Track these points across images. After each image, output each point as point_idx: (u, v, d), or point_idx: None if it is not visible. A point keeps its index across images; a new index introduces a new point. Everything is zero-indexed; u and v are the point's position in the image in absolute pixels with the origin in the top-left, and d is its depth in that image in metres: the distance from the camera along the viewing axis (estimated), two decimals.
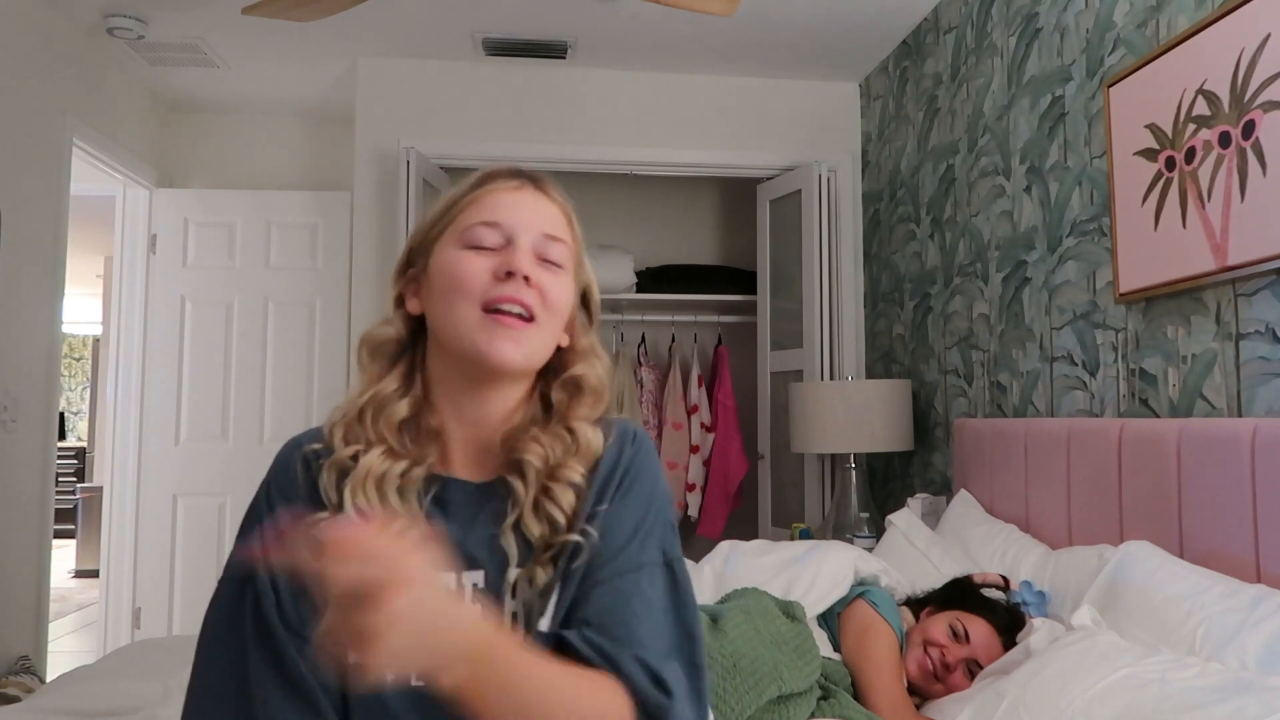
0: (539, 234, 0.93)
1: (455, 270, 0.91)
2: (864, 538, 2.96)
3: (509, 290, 0.89)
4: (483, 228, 0.92)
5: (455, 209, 0.95)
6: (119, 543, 4.01)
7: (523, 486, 0.92)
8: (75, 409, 10.13)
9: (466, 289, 0.90)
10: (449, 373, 0.95)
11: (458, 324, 0.90)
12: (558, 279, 0.94)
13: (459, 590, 0.89)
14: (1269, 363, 1.80)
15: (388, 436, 0.92)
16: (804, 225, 3.77)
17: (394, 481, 0.90)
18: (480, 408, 0.95)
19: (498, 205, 0.94)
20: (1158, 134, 2.07)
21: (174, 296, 4.10)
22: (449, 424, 0.95)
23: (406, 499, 0.91)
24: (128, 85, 3.87)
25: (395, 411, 0.93)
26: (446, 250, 0.93)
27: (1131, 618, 1.70)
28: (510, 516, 0.91)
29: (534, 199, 0.96)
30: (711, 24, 3.32)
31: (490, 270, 0.90)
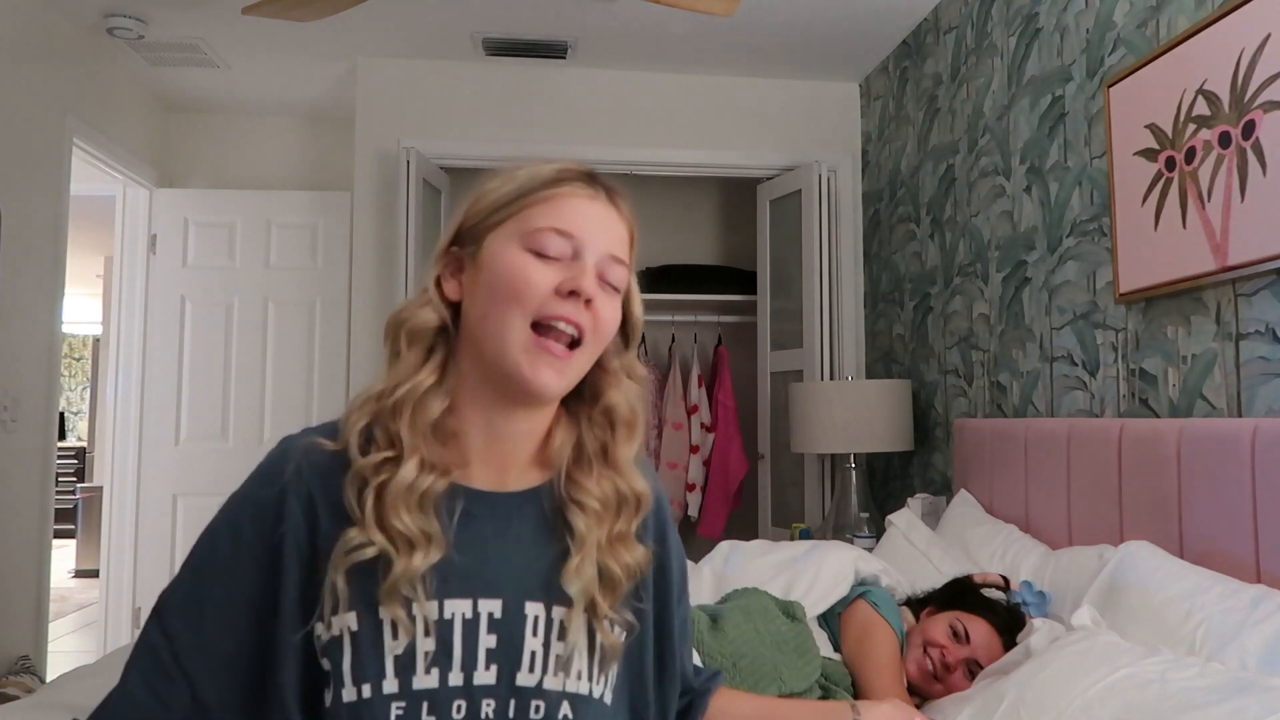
0: (605, 254, 0.87)
1: (515, 275, 0.84)
2: (864, 538, 2.96)
3: (567, 310, 0.83)
4: (553, 235, 0.85)
5: (523, 203, 0.87)
6: (119, 543, 4.02)
7: (582, 523, 0.88)
8: (75, 409, 10.13)
9: (524, 299, 0.83)
10: (481, 381, 0.87)
11: (503, 336, 0.84)
12: (612, 303, 0.89)
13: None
14: (1269, 363, 1.80)
15: (421, 442, 0.84)
16: (804, 225, 3.77)
17: (431, 498, 0.83)
18: (510, 425, 0.89)
19: (573, 213, 0.87)
20: (1158, 134, 2.07)
21: (174, 296, 4.10)
22: (471, 431, 0.88)
23: (436, 515, 0.83)
24: (128, 85, 3.87)
25: (430, 410, 0.85)
26: (507, 248, 0.86)
27: (1132, 618, 1.70)
28: (575, 556, 0.87)
29: (606, 213, 0.90)
30: (711, 24, 3.32)
31: (552, 284, 0.84)
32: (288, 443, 0.87)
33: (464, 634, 0.82)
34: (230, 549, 0.83)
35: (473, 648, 0.82)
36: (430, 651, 0.80)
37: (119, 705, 0.83)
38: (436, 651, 0.81)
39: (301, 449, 0.85)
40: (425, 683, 0.80)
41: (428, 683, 0.80)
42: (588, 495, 0.88)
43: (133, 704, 0.82)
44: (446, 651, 0.81)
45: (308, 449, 0.84)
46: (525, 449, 0.90)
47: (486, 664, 0.82)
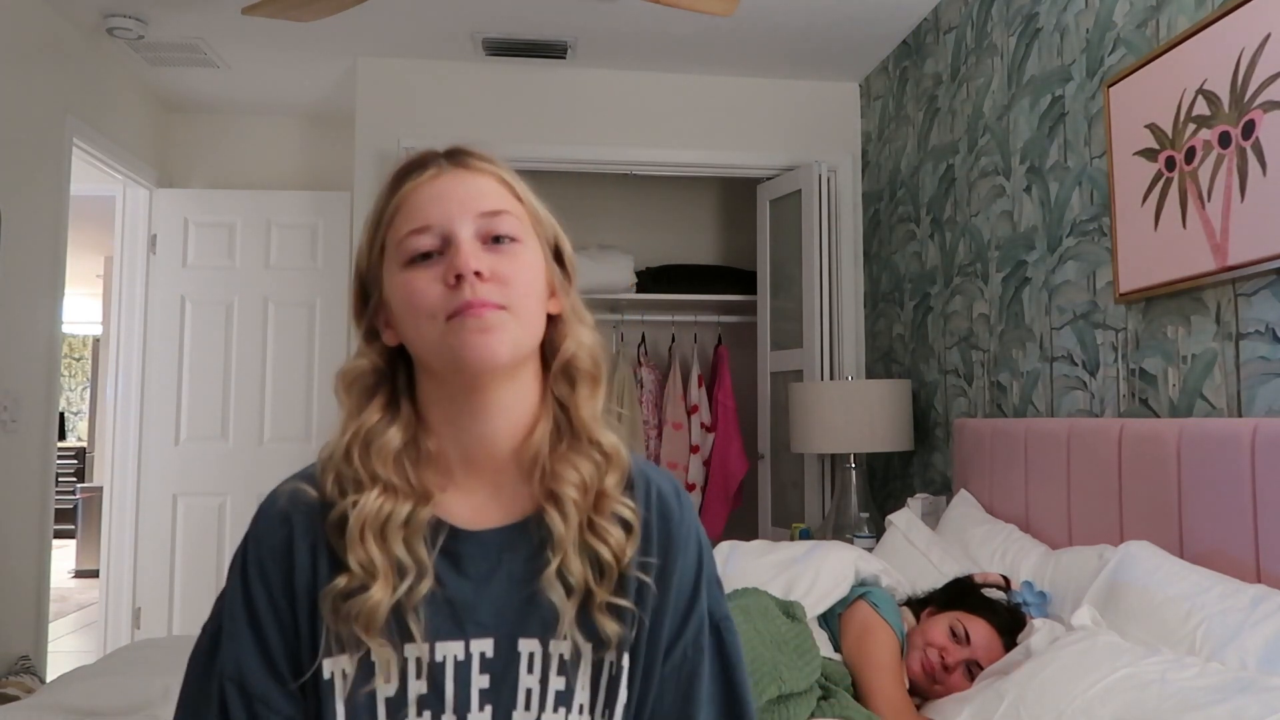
0: (476, 215, 0.83)
1: (408, 295, 0.81)
2: (864, 538, 2.96)
3: (464, 295, 0.79)
4: (415, 237, 0.82)
5: (384, 224, 0.85)
6: (119, 543, 4.01)
7: (562, 523, 0.82)
8: (75, 409, 10.13)
9: (423, 310, 0.80)
10: (440, 394, 0.85)
11: (426, 342, 0.81)
12: (515, 256, 0.83)
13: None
14: (1269, 362, 1.80)
15: (382, 472, 0.81)
16: (804, 225, 3.77)
17: (398, 529, 0.80)
18: (483, 423, 0.84)
19: (421, 204, 0.83)
20: (1158, 134, 2.07)
21: (174, 296, 4.10)
22: (450, 449, 0.85)
23: (413, 548, 0.80)
24: (128, 85, 3.87)
25: (387, 442, 0.83)
26: (392, 274, 0.83)
27: (1132, 618, 1.70)
28: (554, 561, 0.82)
29: (457, 180, 0.85)
30: (711, 24, 3.32)
31: (439, 280, 0.80)
32: (277, 493, 0.85)
33: (456, 676, 0.80)
34: (264, 594, 0.82)
35: (465, 689, 0.80)
36: (423, 694, 0.79)
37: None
38: (428, 694, 0.79)
39: (288, 495, 0.84)
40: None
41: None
42: (564, 484, 0.83)
43: None
44: (439, 694, 0.80)
45: (294, 495, 0.83)
46: (505, 447, 0.85)
47: (480, 705, 0.80)
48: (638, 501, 0.87)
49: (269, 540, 0.83)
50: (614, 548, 0.83)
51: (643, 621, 0.84)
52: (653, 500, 0.88)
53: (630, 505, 0.85)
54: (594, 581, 0.82)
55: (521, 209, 0.86)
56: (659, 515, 0.88)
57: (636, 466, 0.89)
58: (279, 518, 0.84)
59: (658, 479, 0.91)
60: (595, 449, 0.86)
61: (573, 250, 0.92)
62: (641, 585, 0.84)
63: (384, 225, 0.85)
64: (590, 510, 0.84)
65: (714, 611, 0.90)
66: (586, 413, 0.86)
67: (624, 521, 0.85)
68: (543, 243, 0.88)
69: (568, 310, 0.88)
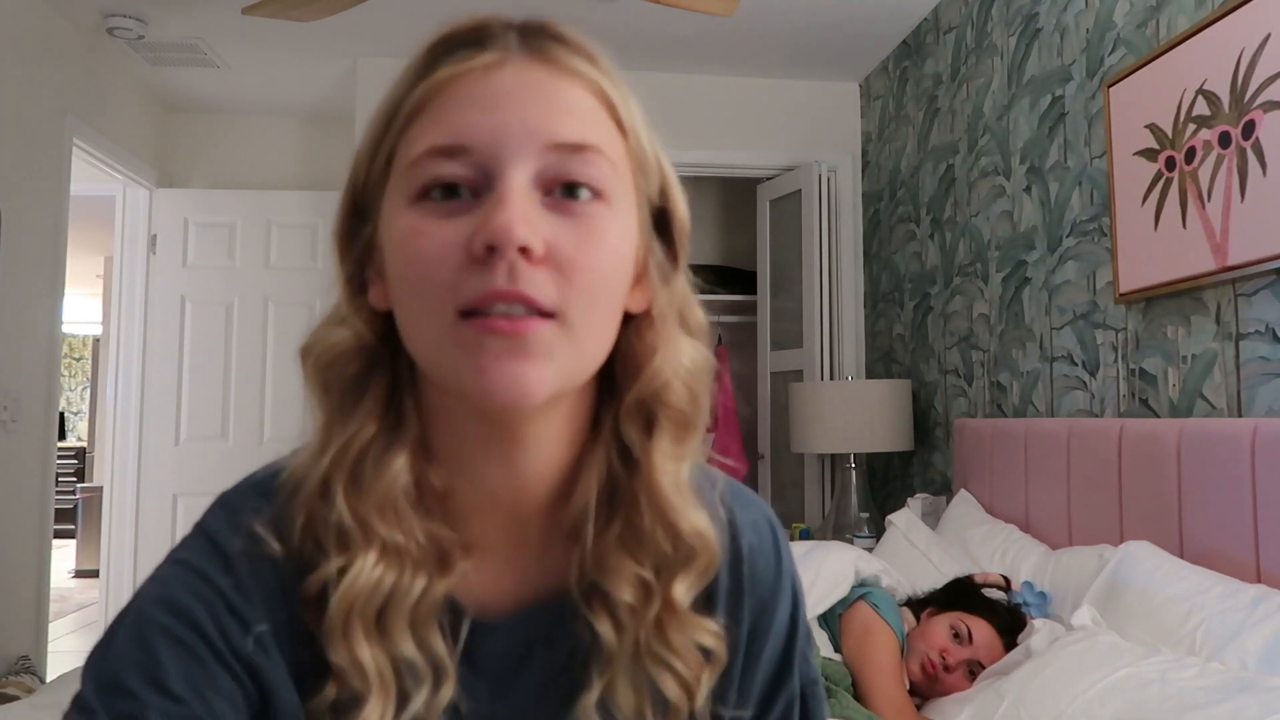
0: (545, 147, 0.52)
1: (405, 252, 0.52)
2: (864, 538, 2.96)
3: (496, 280, 0.49)
4: (437, 159, 0.52)
5: (396, 124, 0.55)
6: (119, 543, 4.02)
7: (613, 635, 0.57)
8: (75, 409, 10.13)
9: (424, 285, 0.51)
10: (443, 404, 0.56)
11: (424, 346, 0.53)
12: (593, 226, 0.52)
13: None
14: (1269, 363, 1.80)
15: (381, 526, 0.53)
16: (804, 225, 3.77)
17: (404, 616, 0.54)
18: (507, 466, 0.56)
19: (461, 105, 0.52)
20: (1158, 134, 2.07)
21: (174, 296, 4.10)
22: (460, 485, 0.57)
23: (426, 641, 0.54)
24: (128, 85, 3.87)
25: (390, 479, 0.54)
26: (393, 209, 0.54)
27: (1132, 618, 1.70)
28: (595, 687, 0.57)
29: (528, 79, 0.53)
30: (711, 24, 3.32)
31: (461, 245, 0.50)
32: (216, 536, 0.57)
33: None
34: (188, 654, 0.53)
35: None
36: None
37: None
38: None
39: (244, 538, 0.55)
40: None
41: None
42: (618, 584, 0.56)
43: None
44: None
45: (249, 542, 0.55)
46: (532, 495, 0.58)
47: None
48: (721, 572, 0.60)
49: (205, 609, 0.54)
50: (684, 681, 0.57)
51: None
52: (744, 563, 0.62)
53: (713, 629, 0.58)
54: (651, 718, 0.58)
55: (621, 146, 0.56)
56: (750, 582, 0.63)
57: (724, 520, 0.60)
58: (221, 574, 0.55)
59: (750, 527, 0.64)
60: (668, 536, 0.57)
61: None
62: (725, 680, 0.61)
63: (398, 125, 0.55)
64: (652, 631, 0.57)
65: (804, 678, 0.67)
66: (665, 478, 0.57)
67: (702, 648, 0.58)
68: (642, 201, 0.57)
69: (663, 307, 0.58)
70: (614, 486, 0.58)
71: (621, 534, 0.57)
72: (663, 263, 0.59)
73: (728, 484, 0.63)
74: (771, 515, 0.67)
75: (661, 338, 0.57)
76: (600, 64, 0.57)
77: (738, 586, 0.62)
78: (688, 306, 0.59)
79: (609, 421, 0.58)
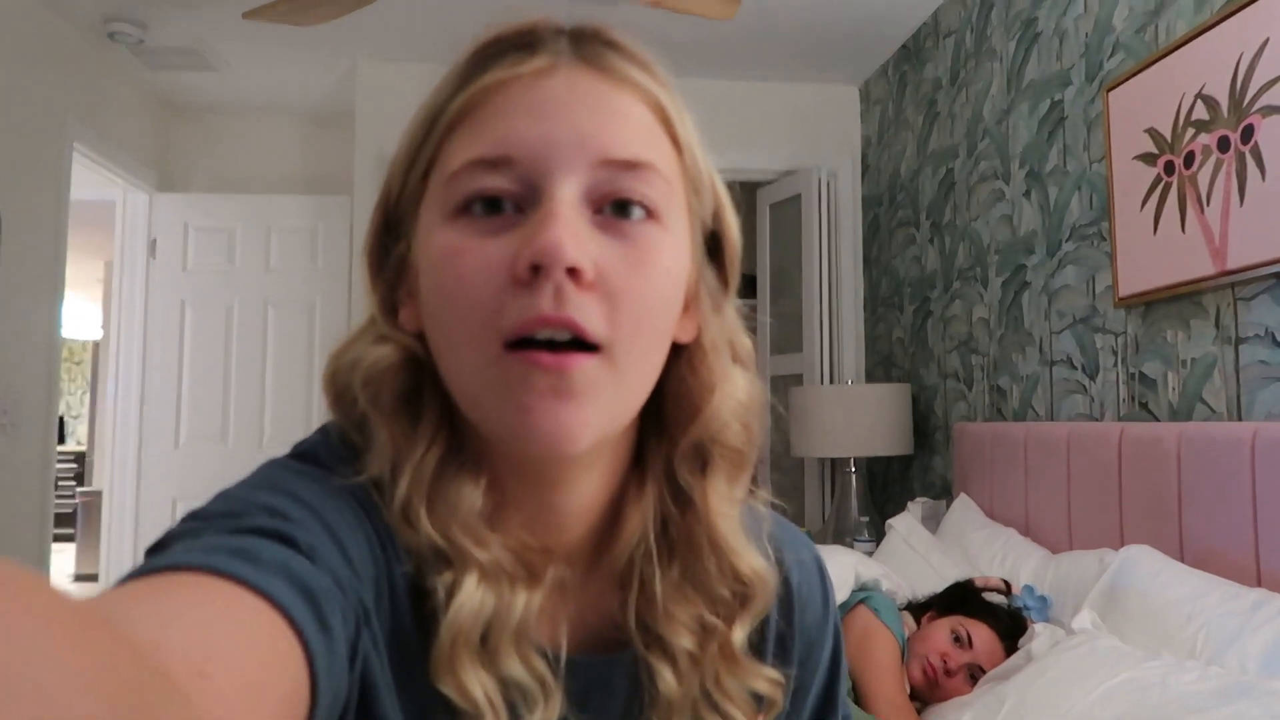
0: (596, 162, 0.48)
1: (444, 273, 0.48)
2: (864, 542, 2.96)
3: (541, 304, 0.45)
4: (479, 171, 0.48)
5: (435, 134, 0.51)
6: (119, 547, 4.01)
7: (674, 683, 0.53)
8: (75, 413, 10.12)
9: (465, 310, 0.47)
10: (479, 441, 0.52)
11: (461, 377, 0.49)
12: (646, 249, 0.48)
13: None
14: (1268, 367, 1.80)
15: (473, 547, 0.49)
16: (804, 229, 3.77)
17: (510, 633, 0.49)
18: (545, 504, 0.53)
19: (507, 114, 0.48)
20: (1157, 138, 2.07)
21: (174, 300, 4.10)
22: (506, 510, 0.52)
23: (527, 655, 0.50)
24: (128, 89, 3.88)
25: (466, 499, 0.50)
26: (430, 224, 0.50)
27: (1132, 622, 1.70)
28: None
29: (578, 88, 0.49)
30: (711, 28, 3.32)
31: (504, 265, 0.46)
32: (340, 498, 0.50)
33: None
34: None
35: None
36: None
37: None
38: None
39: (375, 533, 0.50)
40: None
41: None
42: (676, 631, 0.53)
43: None
44: None
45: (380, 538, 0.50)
46: (574, 532, 0.54)
47: None
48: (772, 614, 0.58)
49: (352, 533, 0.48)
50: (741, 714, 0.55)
51: None
52: (794, 604, 0.60)
53: (772, 676, 0.56)
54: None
55: (677, 164, 0.52)
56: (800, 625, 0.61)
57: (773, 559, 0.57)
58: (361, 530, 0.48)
59: (798, 566, 0.61)
60: (729, 580, 0.54)
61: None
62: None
63: (436, 135, 0.51)
64: (711, 683, 0.54)
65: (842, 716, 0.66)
66: (723, 522, 0.54)
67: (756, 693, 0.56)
68: (695, 223, 0.53)
69: (714, 337, 0.54)
70: (666, 526, 0.54)
71: (680, 578, 0.54)
72: (714, 289, 0.55)
73: (775, 521, 0.60)
74: (818, 553, 0.64)
75: (716, 373, 0.53)
76: (656, 74, 0.53)
77: (789, 628, 0.60)
78: (737, 335, 0.56)
79: (659, 461, 0.55)
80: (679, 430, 0.54)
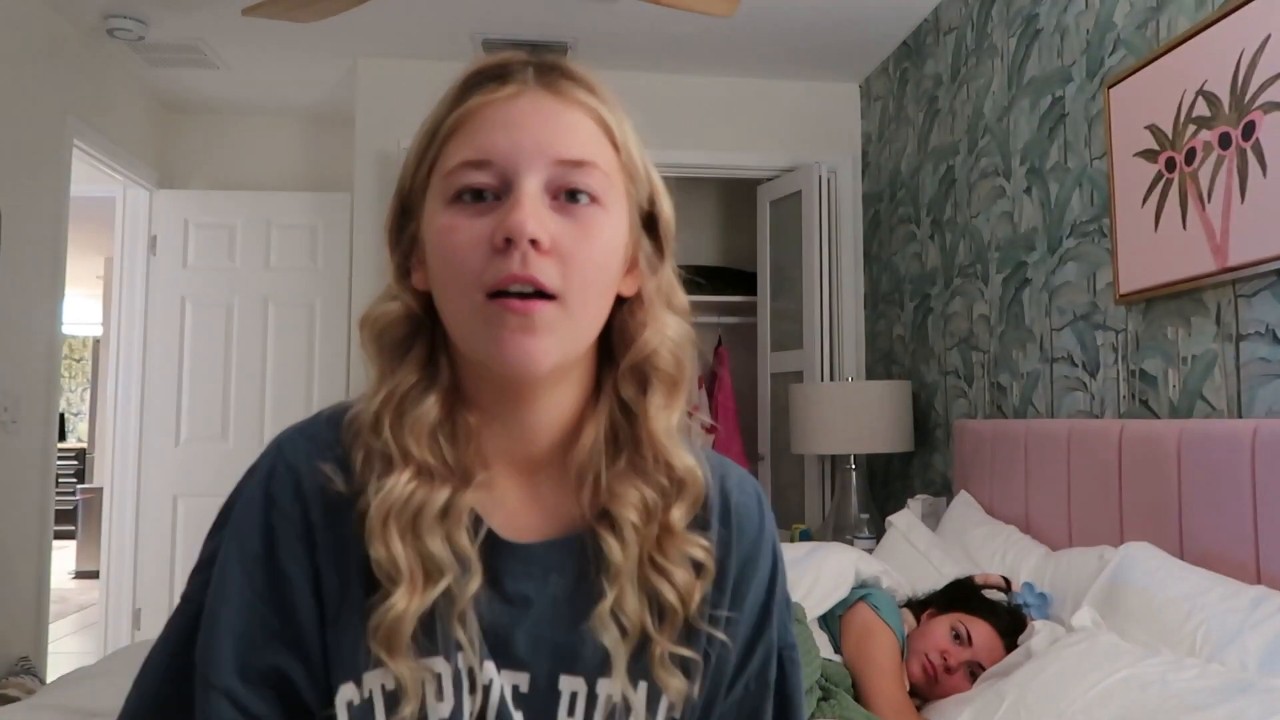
0: (552, 162, 0.65)
1: (444, 244, 0.66)
2: (864, 539, 2.96)
3: (511, 266, 0.63)
4: (467, 171, 0.65)
5: (439, 140, 0.68)
6: (119, 544, 4.02)
7: (619, 551, 0.68)
8: (75, 410, 10.13)
9: (460, 271, 0.64)
10: (474, 369, 0.70)
11: (457, 319, 0.67)
12: (589, 224, 0.66)
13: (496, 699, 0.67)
14: (1269, 364, 1.80)
15: (415, 449, 0.66)
16: (804, 226, 3.77)
17: (434, 521, 0.65)
18: (522, 419, 0.70)
19: (487, 129, 0.66)
20: (1158, 135, 2.07)
21: (174, 297, 4.10)
22: (487, 427, 0.70)
23: (454, 539, 0.66)
24: (128, 86, 3.87)
25: (423, 414, 0.68)
26: (433, 209, 0.67)
27: (1132, 619, 1.70)
28: (609, 596, 0.67)
29: (540, 108, 0.67)
30: (712, 24, 3.32)
31: (486, 238, 0.64)
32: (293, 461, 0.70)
33: (499, 705, 0.67)
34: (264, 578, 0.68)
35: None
36: (474, 712, 0.67)
37: None
38: (478, 718, 0.67)
39: (310, 475, 0.68)
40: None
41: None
42: (623, 505, 0.68)
43: None
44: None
45: (314, 477, 0.68)
46: (544, 445, 0.71)
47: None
48: (712, 518, 0.72)
49: (288, 510, 0.68)
50: (680, 590, 0.69)
51: (706, 670, 0.71)
52: (732, 514, 0.74)
53: (704, 544, 0.70)
54: (653, 626, 0.68)
55: (615, 161, 0.69)
56: (738, 531, 0.74)
57: (713, 474, 0.73)
58: (295, 491, 0.68)
59: (738, 487, 0.76)
60: (663, 471, 0.70)
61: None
62: (710, 637, 0.71)
63: (437, 143, 0.68)
64: (653, 548, 0.69)
65: (781, 639, 0.77)
66: (659, 425, 0.70)
67: (695, 562, 0.70)
68: (632, 205, 0.71)
69: (651, 291, 0.72)
70: (616, 434, 0.71)
71: (626, 468, 0.70)
72: (651, 256, 0.72)
73: (726, 461, 0.77)
74: (759, 488, 0.78)
75: (650, 315, 0.71)
76: (600, 94, 0.70)
77: (728, 533, 0.73)
78: (673, 291, 0.73)
79: (610, 384, 0.72)
80: (622, 357, 0.71)
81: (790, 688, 0.77)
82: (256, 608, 0.67)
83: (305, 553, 0.67)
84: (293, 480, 0.68)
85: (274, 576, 0.67)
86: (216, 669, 0.65)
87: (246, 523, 0.69)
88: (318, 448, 0.69)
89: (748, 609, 0.74)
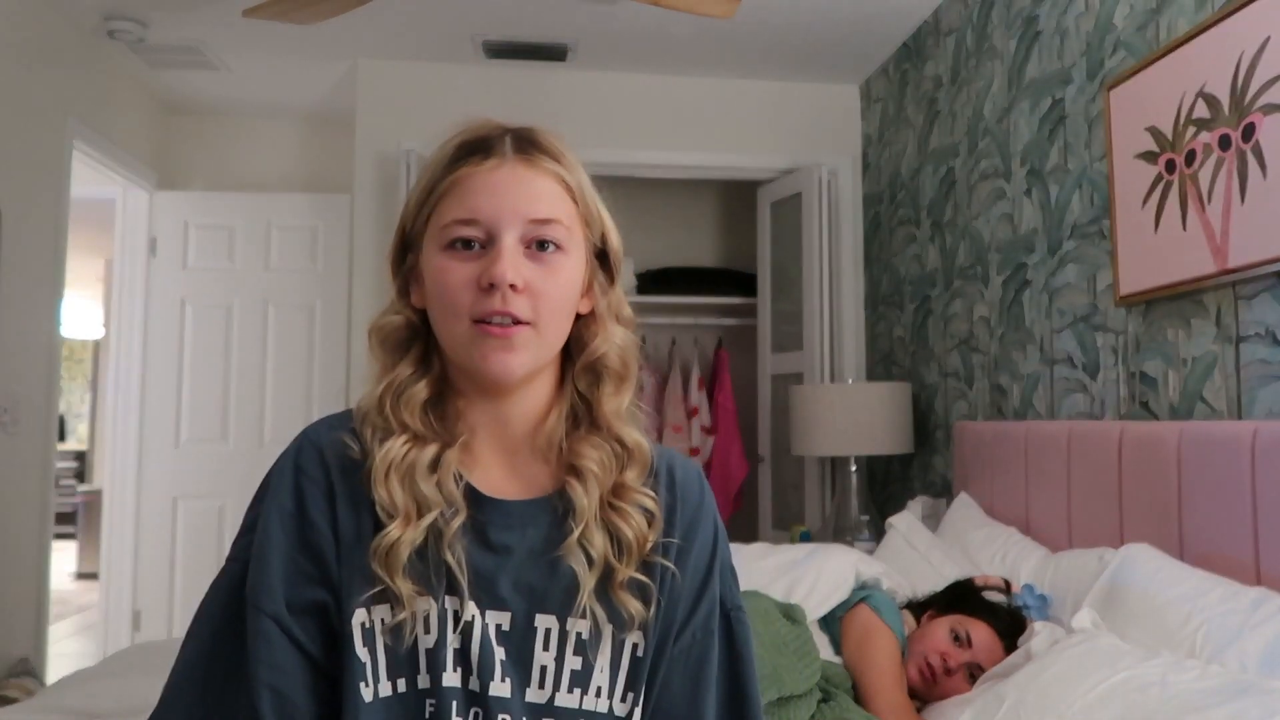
0: (526, 221, 0.83)
1: (441, 282, 0.83)
2: (864, 540, 2.96)
3: (494, 303, 0.81)
4: (460, 227, 0.83)
5: (434, 198, 0.86)
6: (119, 545, 4.01)
7: (584, 495, 0.84)
8: (75, 411, 10.12)
9: (453, 305, 0.82)
10: (460, 373, 0.88)
11: (450, 338, 0.84)
12: (554, 267, 0.84)
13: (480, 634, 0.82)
14: (1269, 365, 1.80)
15: (410, 421, 0.84)
16: (804, 228, 3.77)
17: (425, 471, 0.82)
18: (501, 411, 0.88)
19: (475, 194, 0.83)
20: (1158, 137, 2.07)
21: (174, 299, 4.10)
22: (471, 410, 0.88)
23: (442, 483, 0.83)
24: (128, 88, 3.88)
25: (415, 394, 0.85)
26: (430, 251, 0.85)
27: (1132, 620, 1.70)
28: (576, 531, 0.83)
29: (516, 175, 0.84)
30: (712, 26, 3.32)
31: (474, 280, 0.82)
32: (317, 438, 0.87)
33: (481, 640, 0.81)
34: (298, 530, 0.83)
35: (490, 656, 0.81)
36: (457, 649, 0.80)
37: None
38: (459, 651, 0.81)
39: (330, 445, 0.85)
40: (452, 680, 0.80)
41: (453, 680, 0.80)
42: (585, 459, 0.85)
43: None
44: (466, 654, 0.81)
45: (335, 446, 0.85)
46: (519, 428, 0.88)
47: (501, 676, 0.81)
48: (660, 488, 0.89)
49: (314, 475, 0.84)
50: (635, 529, 0.85)
51: (660, 603, 0.85)
52: (676, 485, 0.90)
53: (652, 495, 0.87)
54: (615, 558, 0.84)
55: (574, 214, 0.87)
56: (681, 498, 0.90)
57: (660, 455, 0.91)
58: (319, 461, 0.85)
59: (681, 466, 0.93)
60: (615, 442, 0.87)
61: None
62: (663, 570, 0.86)
63: (433, 199, 0.85)
64: (611, 496, 0.85)
65: (726, 599, 0.91)
66: (609, 407, 0.88)
67: (646, 510, 0.86)
68: (588, 244, 0.89)
69: (602, 309, 0.90)
70: (576, 415, 0.89)
71: (585, 436, 0.88)
72: (602, 281, 0.91)
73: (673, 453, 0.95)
74: (700, 471, 0.95)
75: (601, 327, 0.89)
76: (564, 159, 0.87)
77: (674, 500, 0.90)
78: (620, 306, 0.92)
79: (571, 379, 0.90)
80: (578, 358, 0.90)
81: (740, 643, 0.91)
82: (294, 556, 0.82)
83: (328, 505, 0.83)
84: (316, 452, 0.85)
85: (306, 528, 0.83)
86: (266, 599, 0.81)
87: (282, 489, 0.84)
88: (336, 426, 0.87)
89: (692, 565, 0.89)
